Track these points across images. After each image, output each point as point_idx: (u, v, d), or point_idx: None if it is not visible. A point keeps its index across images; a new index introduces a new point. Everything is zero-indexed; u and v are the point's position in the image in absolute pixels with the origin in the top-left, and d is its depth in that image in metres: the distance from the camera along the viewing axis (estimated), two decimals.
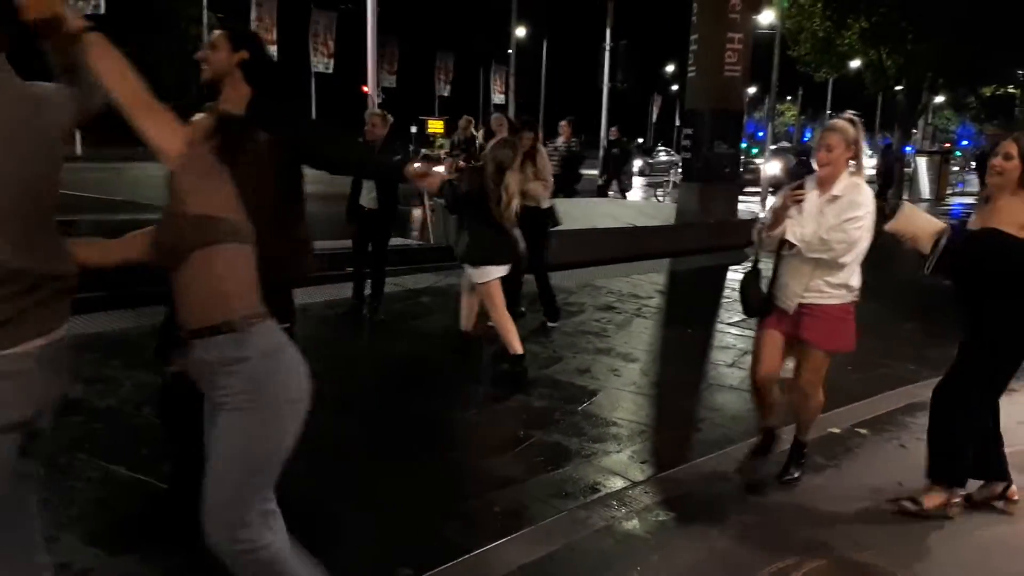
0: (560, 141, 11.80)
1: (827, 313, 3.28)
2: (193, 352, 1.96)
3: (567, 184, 11.54)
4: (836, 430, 4.10)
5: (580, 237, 10.03)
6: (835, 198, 3.24)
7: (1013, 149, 2.98)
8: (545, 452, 3.88)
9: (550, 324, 6.43)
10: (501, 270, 4.93)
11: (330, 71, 38.91)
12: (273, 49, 36.67)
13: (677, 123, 47.68)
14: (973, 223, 3.14)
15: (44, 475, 2.02)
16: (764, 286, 3.50)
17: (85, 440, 3.69)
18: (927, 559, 2.85)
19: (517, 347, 4.95)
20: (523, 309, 6.52)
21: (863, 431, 4.11)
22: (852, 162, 3.29)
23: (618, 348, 5.84)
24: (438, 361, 5.51)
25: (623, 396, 4.81)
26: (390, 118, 6.34)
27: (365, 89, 14.21)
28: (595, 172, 20.90)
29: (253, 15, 35.79)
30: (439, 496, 3.40)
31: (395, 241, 8.62)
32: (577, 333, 6.27)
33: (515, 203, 4.85)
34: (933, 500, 3.17)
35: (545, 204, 6.36)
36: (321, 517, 3.20)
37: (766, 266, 3.56)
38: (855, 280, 3.31)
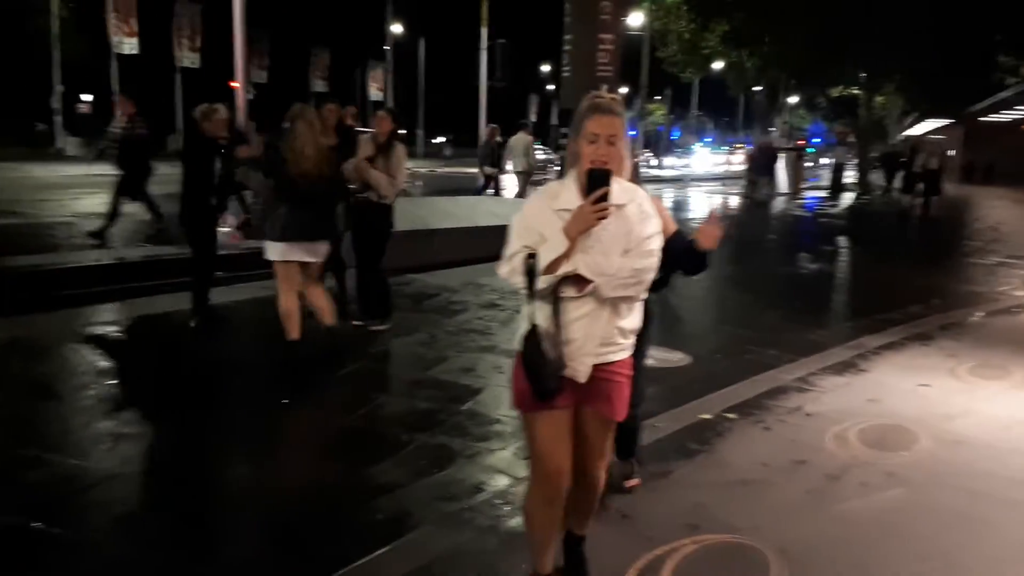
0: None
1: (620, 372, 2.39)
2: None
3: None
4: (707, 416, 4.29)
5: (462, 235, 10.04)
6: (620, 208, 2.27)
7: None
8: (429, 454, 3.84)
9: (372, 328, 6.04)
10: (287, 248, 4.97)
11: (197, 66, 37.07)
12: (134, 42, 34.57)
13: (554, 122, 48.66)
14: None
15: None
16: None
17: None
18: (795, 537, 3.03)
19: (293, 332, 5.00)
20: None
21: (731, 416, 4.33)
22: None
23: (502, 345, 5.87)
24: (319, 365, 5.35)
25: (506, 393, 4.78)
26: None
27: (234, 84, 13.60)
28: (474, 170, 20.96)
29: (110, 6, 33.53)
30: (322, 506, 3.30)
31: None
32: (461, 332, 6.26)
33: (309, 156, 4.91)
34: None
35: (388, 202, 5.98)
36: (193, 533, 3.04)
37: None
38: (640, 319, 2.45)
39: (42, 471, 3.49)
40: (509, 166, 15.35)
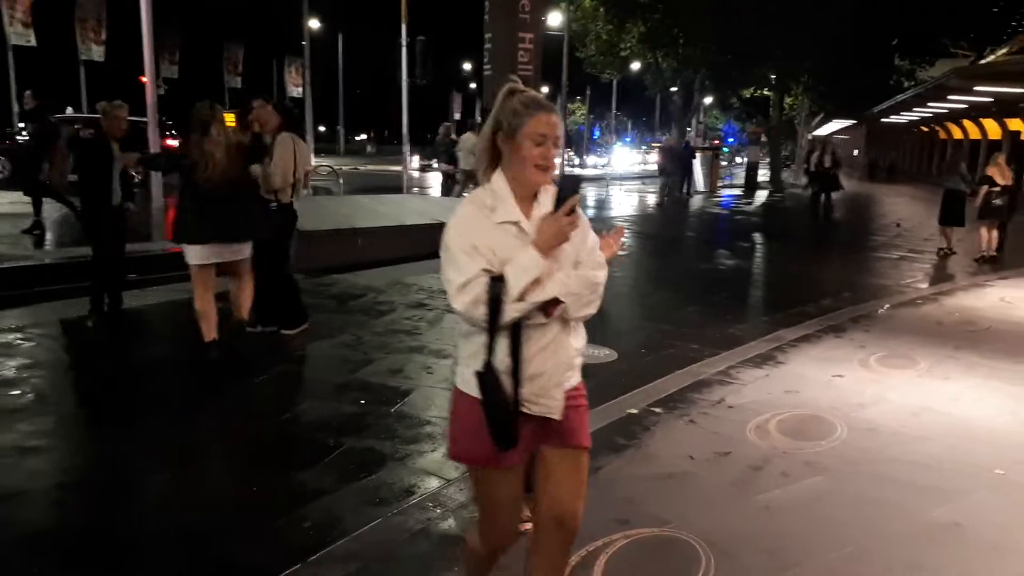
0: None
1: (580, 394, 2.15)
2: None
3: None
4: (634, 411, 4.36)
5: (389, 234, 9.92)
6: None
7: None
8: (357, 459, 3.77)
9: (281, 331, 5.85)
10: (204, 251, 4.92)
11: (101, 59, 35.34)
12: (29, 33, 32.64)
13: (478, 120, 48.62)
14: None
15: None
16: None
17: None
18: (722, 527, 3.11)
19: (210, 334, 4.98)
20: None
21: (657, 410, 4.41)
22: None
23: (430, 345, 5.82)
24: (238, 370, 5.18)
25: (436, 394, 4.80)
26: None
27: (143, 79, 13.03)
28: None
29: None
30: (245, 517, 3.19)
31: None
32: (388, 332, 6.17)
33: (218, 166, 4.85)
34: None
35: (287, 199, 5.75)
36: (112, 551, 2.88)
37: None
38: None
39: None
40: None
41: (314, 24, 45.71)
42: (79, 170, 6.09)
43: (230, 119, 6.63)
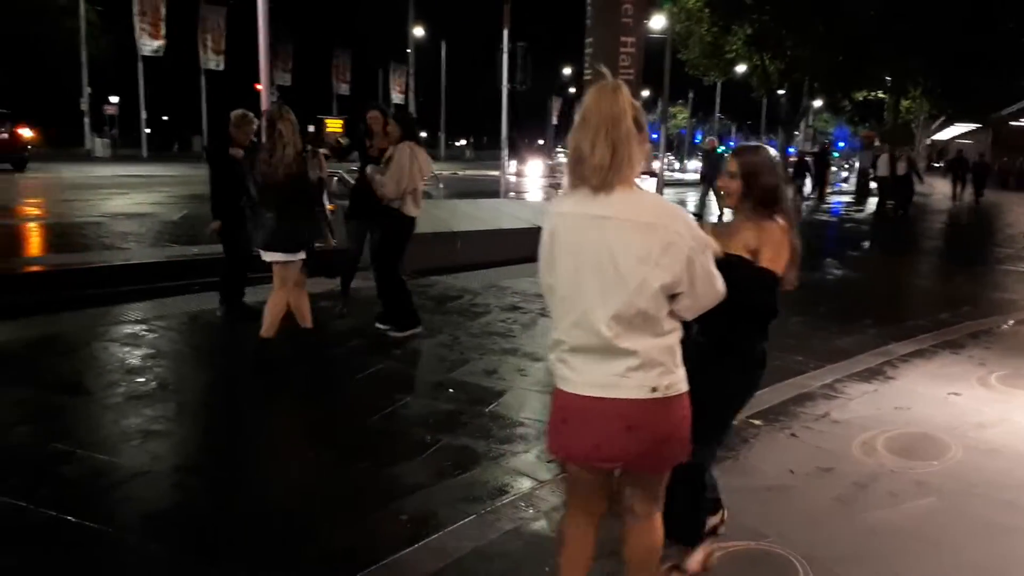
0: None
1: None
2: None
3: None
4: (734, 422, 4.25)
5: (485, 238, 10.06)
6: None
7: (733, 165, 2.62)
8: (452, 456, 3.85)
9: (390, 333, 5.95)
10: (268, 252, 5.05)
11: (221, 68, 37.50)
12: (159, 45, 35.00)
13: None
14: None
15: None
16: None
17: None
18: (822, 545, 3.00)
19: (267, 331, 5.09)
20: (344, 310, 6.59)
21: (757, 422, 4.29)
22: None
23: (524, 348, 5.87)
24: (342, 366, 5.39)
25: (530, 396, 4.84)
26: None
27: (258, 87, 13.74)
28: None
29: (135, 8, 34.03)
30: (345, 506, 3.32)
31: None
32: (483, 334, 6.27)
33: (290, 158, 4.89)
34: (697, 559, 2.73)
35: (403, 208, 5.86)
36: (221, 532, 3.06)
37: None
38: None
39: (75, 466, 3.55)
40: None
41: (419, 32, 46.98)
42: (214, 178, 6.39)
43: (337, 125, 6.95)
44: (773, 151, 2.73)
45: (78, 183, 19.68)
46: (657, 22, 23.90)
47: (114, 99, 40.28)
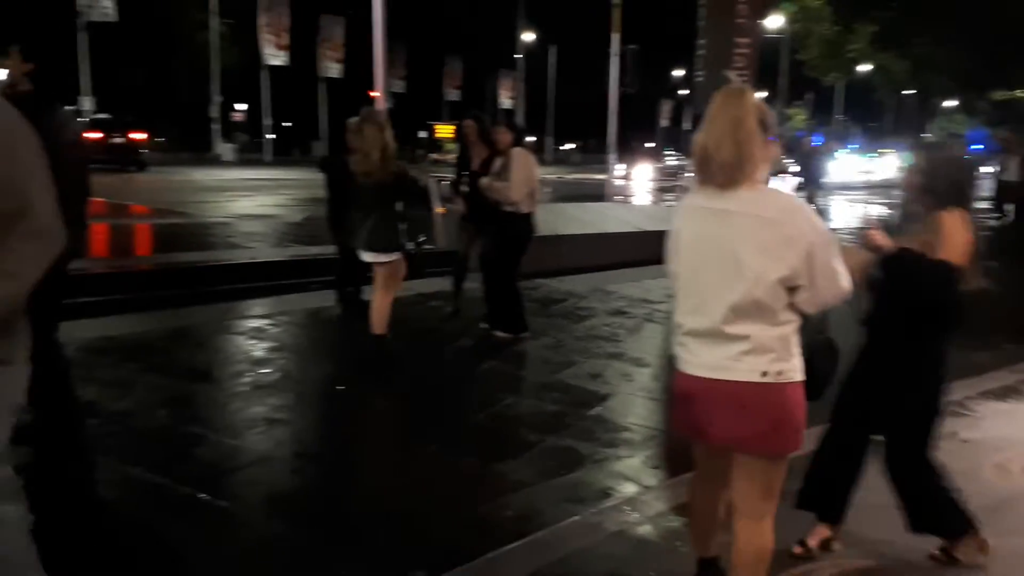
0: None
1: None
2: None
3: None
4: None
5: (590, 241, 10.05)
6: None
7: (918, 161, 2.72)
8: (557, 456, 3.88)
9: (497, 334, 6.03)
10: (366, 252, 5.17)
11: (339, 76, 39.12)
12: (283, 55, 36.90)
13: (687, 127, 47.75)
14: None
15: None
16: None
17: (99, 443, 3.70)
18: (950, 569, 2.84)
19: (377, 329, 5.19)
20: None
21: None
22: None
23: (629, 353, 5.84)
24: (451, 365, 5.54)
25: (635, 401, 4.81)
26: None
27: (373, 94, 14.26)
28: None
29: (263, 21, 36.03)
30: (451, 500, 3.41)
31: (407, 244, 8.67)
32: (588, 338, 6.27)
33: (375, 160, 4.95)
34: (966, 551, 2.84)
35: (527, 210, 5.98)
36: (336, 517, 3.22)
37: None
38: None
39: (206, 448, 3.82)
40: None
41: (528, 37, 47.42)
42: (330, 183, 6.71)
43: (447, 131, 7.13)
44: (961, 149, 2.77)
45: (208, 186, 21.05)
46: (774, 21, 23.14)
47: (241, 107, 42.77)
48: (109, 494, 3.25)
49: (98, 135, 23.72)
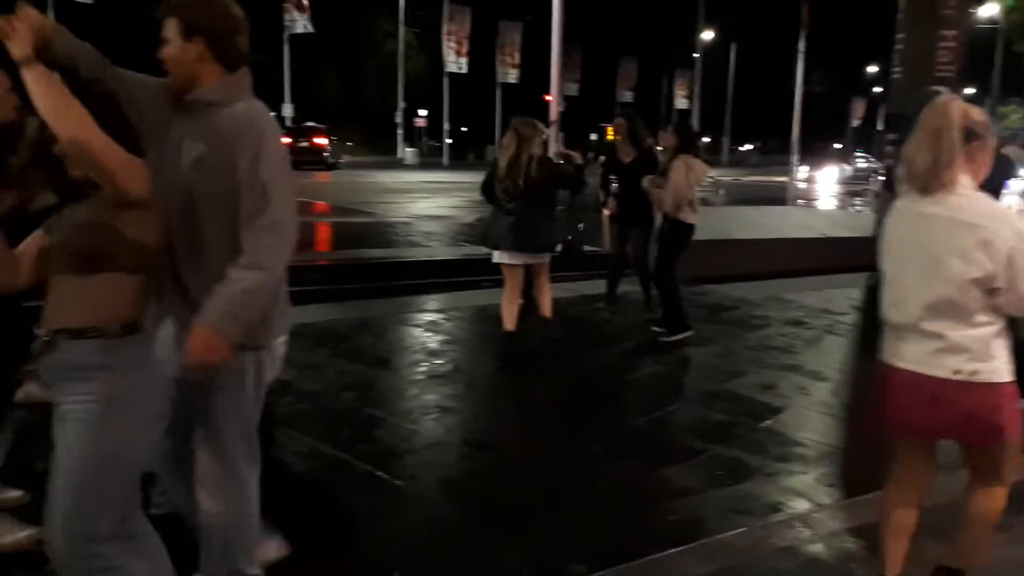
0: None
1: None
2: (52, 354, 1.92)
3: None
4: None
5: (767, 247, 9.64)
6: None
7: None
8: (723, 466, 3.78)
9: (661, 338, 5.97)
10: (501, 254, 5.28)
11: (515, 81, 40.15)
12: (463, 61, 38.46)
13: (879, 127, 44.37)
14: None
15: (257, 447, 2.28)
16: None
17: (293, 418, 4.09)
18: None
19: (507, 325, 5.35)
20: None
21: None
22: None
23: (807, 365, 5.55)
24: (613, 367, 5.55)
25: (810, 416, 4.58)
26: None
27: (547, 98, 14.51)
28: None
29: (445, 29, 37.77)
30: (613, 499, 3.43)
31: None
32: (761, 348, 6.03)
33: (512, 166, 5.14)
34: None
35: (682, 216, 5.86)
36: (501, 504, 3.34)
37: None
38: None
39: (385, 430, 4.10)
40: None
41: (707, 35, 46.14)
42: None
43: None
44: None
45: (391, 187, 22.39)
46: (988, 9, 20.98)
47: (423, 112, 45.07)
48: (299, 464, 3.58)
49: (288, 140, 26.17)
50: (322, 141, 29.41)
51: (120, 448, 1.91)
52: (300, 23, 32.15)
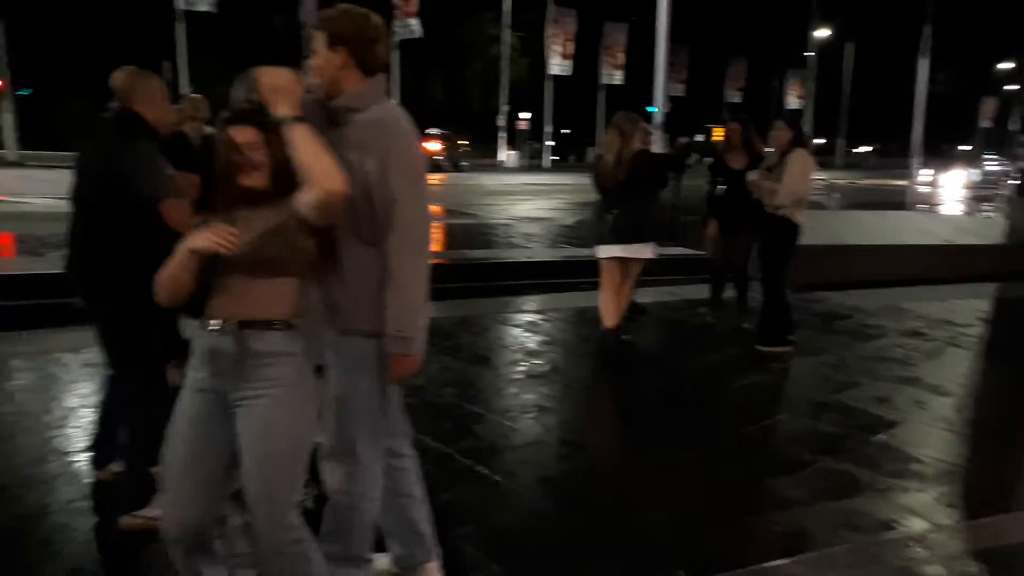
0: None
1: None
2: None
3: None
4: None
5: (884, 253, 9.18)
6: None
7: None
8: (832, 479, 3.63)
9: (759, 347, 5.75)
10: (605, 248, 5.43)
11: (619, 83, 39.85)
12: (567, 63, 38.52)
13: (1012, 127, 41.32)
14: None
15: None
16: None
17: None
18: None
19: (608, 322, 5.47)
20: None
21: None
22: None
23: (925, 379, 5.25)
24: (717, 373, 5.42)
25: (929, 432, 4.32)
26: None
27: (654, 102, 14.33)
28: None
29: (549, 32, 37.92)
30: (715, 506, 3.36)
31: (673, 250, 8.64)
32: (876, 359, 5.74)
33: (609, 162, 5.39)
34: None
35: (792, 215, 5.63)
36: (600, 504, 3.33)
37: None
38: None
39: (484, 427, 4.16)
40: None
41: (822, 34, 44.29)
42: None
43: (721, 134, 6.96)
44: None
45: (493, 190, 22.68)
46: None
47: (525, 115, 45.39)
48: None
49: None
50: (432, 147, 30.20)
51: (305, 427, 2.08)
52: (411, 29, 33.05)
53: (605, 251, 5.49)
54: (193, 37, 27.13)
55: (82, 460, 3.53)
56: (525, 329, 6.35)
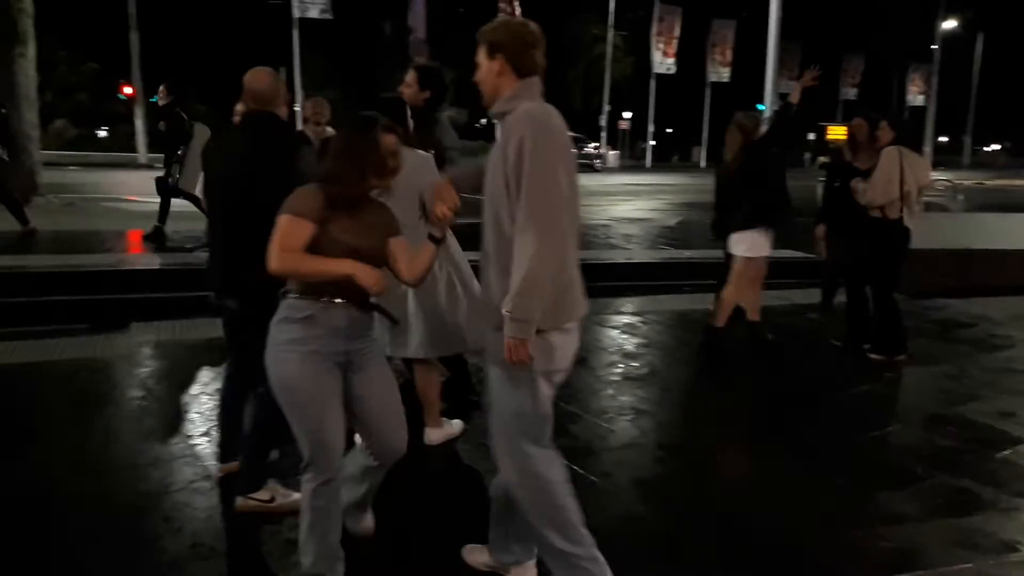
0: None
1: None
2: None
3: None
4: None
5: (1014, 259, 8.56)
6: None
7: None
8: (949, 495, 3.43)
9: (869, 354, 5.55)
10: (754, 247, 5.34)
11: (726, 80, 38.84)
12: (671, 62, 37.85)
13: None
14: None
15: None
16: None
17: None
18: None
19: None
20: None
21: None
22: None
23: None
24: (826, 381, 5.21)
25: None
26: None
27: (762, 100, 13.89)
28: None
29: (654, 30, 37.38)
30: (822, 516, 3.24)
31: (783, 253, 8.32)
32: (1003, 371, 5.38)
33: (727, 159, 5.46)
34: None
35: (894, 216, 5.34)
36: (699, 507, 3.28)
37: None
38: None
39: (580, 427, 4.17)
40: None
41: (949, 25, 41.66)
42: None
43: (841, 132, 6.66)
44: None
45: (593, 190, 22.53)
46: None
47: (627, 115, 44.90)
48: None
49: None
50: None
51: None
52: None
53: (756, 250, 5.35)
54: (305, 43, 28.36)
55: (203, 443, 3.78)
56: (623, 331, 6.30)
